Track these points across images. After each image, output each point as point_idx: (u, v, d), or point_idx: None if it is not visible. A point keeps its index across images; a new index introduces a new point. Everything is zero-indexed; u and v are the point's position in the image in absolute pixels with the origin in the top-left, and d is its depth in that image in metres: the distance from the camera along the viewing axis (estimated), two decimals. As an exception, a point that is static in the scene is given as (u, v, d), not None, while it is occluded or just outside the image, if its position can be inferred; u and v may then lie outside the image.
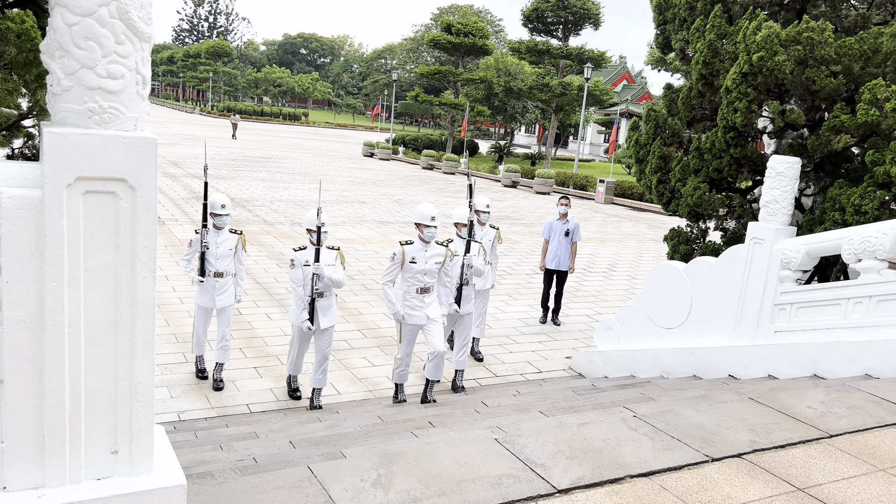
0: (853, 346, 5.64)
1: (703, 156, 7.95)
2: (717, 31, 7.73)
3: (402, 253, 6.82)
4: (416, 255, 6.82)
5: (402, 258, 6.81)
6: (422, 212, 6.85)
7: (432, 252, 6.89)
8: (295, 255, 6.78)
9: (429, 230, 6.81)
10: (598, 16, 42.16)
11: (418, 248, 6.85)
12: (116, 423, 2.35)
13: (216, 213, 7.25)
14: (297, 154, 40.36)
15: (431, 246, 6.90)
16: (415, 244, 6.87)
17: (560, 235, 10.15)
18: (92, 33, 2.10)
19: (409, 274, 6.83)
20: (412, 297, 6.84)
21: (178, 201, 19.53)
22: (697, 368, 6.98)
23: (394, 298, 6.81)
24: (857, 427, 4.07)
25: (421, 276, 6.82)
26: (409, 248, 6.85)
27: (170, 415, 6.57)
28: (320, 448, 4.35)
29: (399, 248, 6.87)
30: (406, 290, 6.86)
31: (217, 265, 7.26)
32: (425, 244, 6.86)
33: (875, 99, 6.47)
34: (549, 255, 10.23)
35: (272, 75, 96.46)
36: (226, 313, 7.38)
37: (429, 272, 6.86)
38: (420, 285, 6.85)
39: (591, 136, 63.89)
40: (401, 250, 6.83)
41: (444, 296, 7.26)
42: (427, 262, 6.84)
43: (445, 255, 7.00)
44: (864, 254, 5.77)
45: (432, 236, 6.86)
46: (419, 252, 6.84)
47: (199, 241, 7.20)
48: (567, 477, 3.21)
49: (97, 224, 2.21)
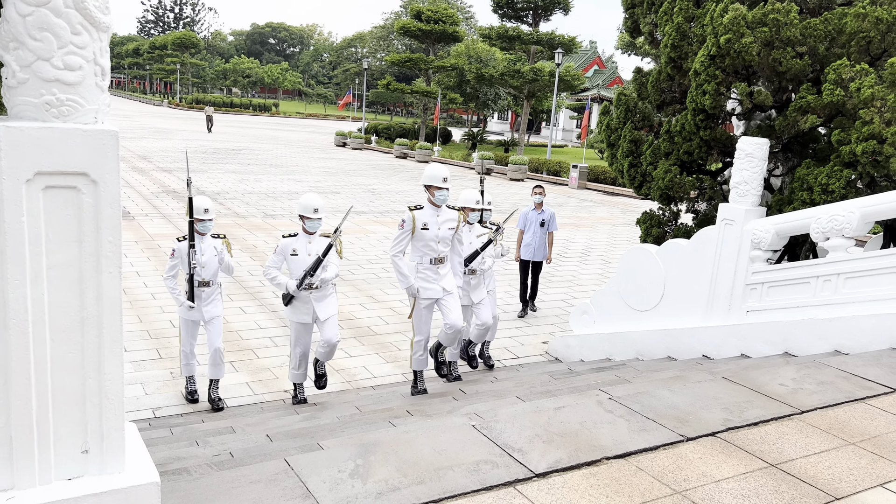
0: (823, 323, 5.74)
1: (674, 139, 8.00)
2: (684, 14, 7.77)
3: (412, 219, 6.16)
4: (427, 220, 6.19)
5: (413, 225, 6.16)
6: (433, 173, 6.23)
7: (445, 217, 6.28)
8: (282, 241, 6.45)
9: (441, 193, 6.18)
10: (567, 1, 42.17)
11: (429, 212, 6.23)
12: (86, 421, 2.31)
13: (199, 217, 6.55)
14: (268, 145, 39.96)
15: (443, 210, 6.28)
16: (425, 209, 6.24)
17: (535, 226, 9.91)
18: (47, 24, 2.04)
19: (420, 243, 6.22)
20: (426, 269, 6.24)
21: (148, 195, 19.25)
22: (672, 349, 7.06)
23: (406, 271, 6.20)
24: (827, 402, 4.14)
25: (434, 243, 6.21)
26: (420, 214, 6.20)
27: (144, 412, 6.49)
28: (297, 440, 4.33)
29: (408, 213, 6.20)
30: (419, 262, 6.26)
31: (202, 274, 6.57)
32: (436, 208, 6.25)
33: (840, 79, 6.56)
34: (525, 246, 10.00)
35: (241, 66, 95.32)
36: (215, 325, 6.70)
37: (442, 239, 6.26)
38: (434, 255, 6.24)
39: (563, 122, 64.10)
40: (410, 216, 6.17)
41: (458, 265, 6.67)
42: (440, 227, 6.23)
43: (458, 219, 6.40)
44: (831, 232, 5.86)
45: (444, 199, 6.24)
46: (431, 217, 6.21)
47: (188, 261, 6.44)
48: (544, 461, 3.23)
49: (59, 220, 2.16)
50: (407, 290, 6.27)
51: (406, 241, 6.21)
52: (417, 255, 6.26)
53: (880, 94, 6.26)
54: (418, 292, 6.23)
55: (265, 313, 9.62)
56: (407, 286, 6.23)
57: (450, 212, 6.35)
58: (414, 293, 6.25)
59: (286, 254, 6.37)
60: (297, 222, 6.50)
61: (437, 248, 6.23)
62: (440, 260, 6.27)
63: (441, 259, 6.28)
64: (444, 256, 6.30)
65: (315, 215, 6.31)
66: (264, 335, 8.76)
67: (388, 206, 20.52)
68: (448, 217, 6.31)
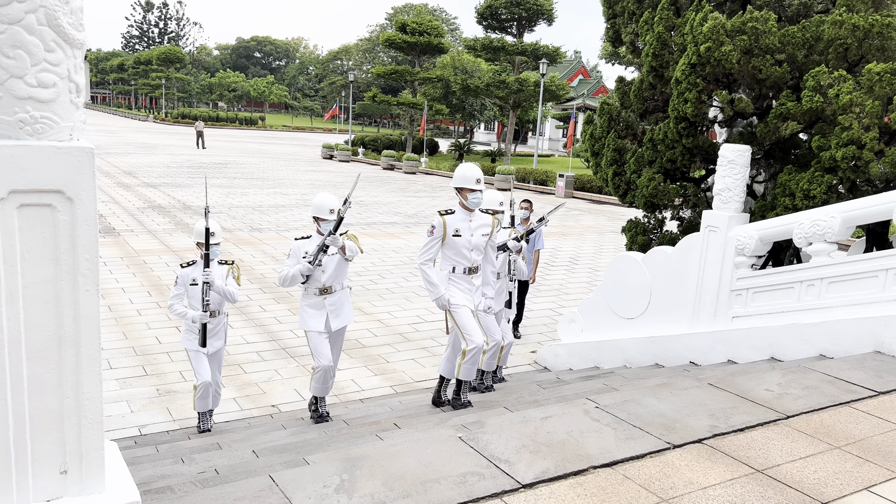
0: (807, 327, 5.77)
1: (657, 147, 8.05)
2: (665, 24, 7.83)
3: (442, 225, 5.61)
4: (459, 226, 5.63)
5: (444, 231, 5.60)
6: (465, 173, 5.66)
7: (478, 222, 5.73)
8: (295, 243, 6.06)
9: (474, 195, 5.62)
10: (551, 11, 42.47)
11: (461, 217, 5.68)
12: (64, 442, 2.28)
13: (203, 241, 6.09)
14: (254, 159, 39.88)
15: (476, 215, 5.73)
16: (457, 213, 5.69)
17: None
18: (20, 41, 2.03)
19: (451, 251, 5.66)
20: (459, 278, 5.70)
21: (133, 211, 19.14)
22: (659, 356, 7.08)
23: (436, 280, 5.61)
24: (812, 407, 4.16)
25: (467, 251, 5.67)
26: (451, 219, 5.65)
27: (130, 430, 6.43)
28: (283, 456, 4.30)
29: (438, 219, 5.64)
30: (450, 272, 5.72)
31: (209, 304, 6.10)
32: (469, 213, 5.69)
33: (819, 86, 6.63)
34: None
35: (227, 80, 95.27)
36: (217, 357, 6.30)
37: (476, 247, 5.70)
38: (467, 264, 5.70)
39: (549, 132, 64.36)
40: (440, 221, 5.62)
41: (491, 275, 6.03)
42: (473, 233, 5.68)
43: (493, 224, 5.84)
44: (814, 237, 5.90)
45: (478, 203, 5.67)
46: (463, 222, 5.66)
47: (200, 297, 5.95)
48: (531, 471, 3.22)
49: (34, 238, 2.14)
50: (436, 301, 5.66)
51: (436, 248, 5.65)
52: (448, 264, 5.73)
53: (858, 99, 6.33)
54: (449, 302, 5.65)
55: (252, 328, 9.57)
56: (436, 297, 5.63)
57: (483, 216, 5.79)
58: (444, 305, 5.67)
59: (300, 256, 5.95)
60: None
61: (469, 257, 5.70)
62: (473, 269, 5.75)
63: (474, 268, 5.75)
64: (477, 266, 5.77)
65: (330, 216, 5.92)
66: (251, 350, 8.71)
67: (376, 217, 20.51)
68: (482, 222, 5.75)
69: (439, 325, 10.17)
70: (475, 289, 5.76)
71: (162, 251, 14.32)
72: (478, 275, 5.78)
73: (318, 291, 5.98)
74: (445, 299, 5.62)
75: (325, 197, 6.02)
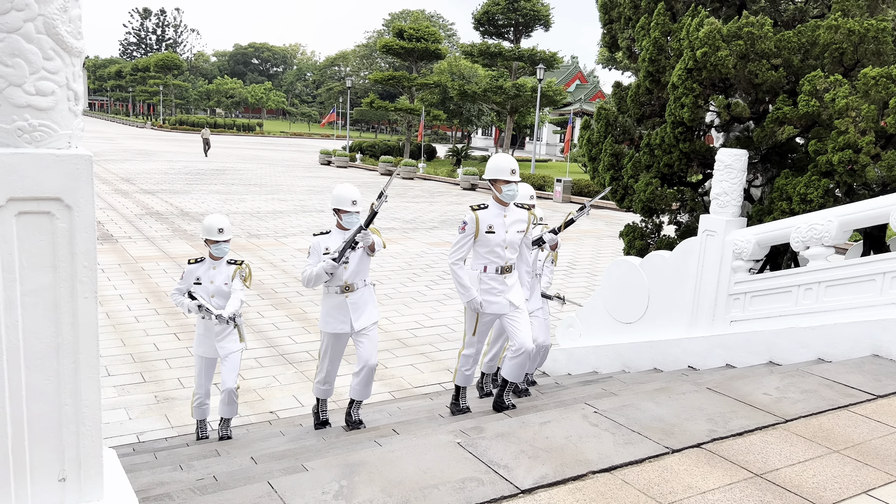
0: (805, 331, 5.78)
1: (654, 152, 8.07)
2: (661, 29, 7.86)
3: (474, 220, 5.23)
4: (493, 221, 5.23)
5: (476, 228, 5.22)
6: (499, 164, 5.23)
7: (513, 217, 5.31)
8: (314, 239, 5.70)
9: (509, 188, 5.20)
10: (548, 17, 42.61)
11: (495, 212, 5.26)
12: (63, 449, 2.28)
13: (212, 239, 5.88)
14: (252, 165, 39.89)
15: (511, 209, 5.31)
16: (490, 208, 5.28)
17: None
18: (18, 50, 2.04)
19: (484, 248, 5.27)
20: (491, 279, 5.30)
21: (131, 218, 19.13)
22: (657, 361, 7.08)
23: (468, 282, 5.28)
24: (811, 411, 4.16)
25: (501, 249, 5.26)
26: (484, 214, 5.25)
27: (128, 437, 6.41)
28: (282, 462, 4.29)
29: (470, 214, 5.27)
30: (482, 271, 5.33)
31: (213, 304, 5.88)
32: (503, 207, 5.28)
33: (815, 90, 6.66)
34: None
35: (224, 86, 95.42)
36: (230, 362, 5.98)
37: (510, 244, 5.30)
38: (500, 262, 5.28)
39: (546, 137, 64.48)
40: (473, 217, 5.24)
41: (525, 274, 5.68)
42: (508, 230, 5.27)
43: (528, 220, 5.43)
44: (811, 241, 5.91)
45: (513, 196, 5.24)
46: (497, 218, 5.25)
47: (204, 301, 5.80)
48: (530, 477, 3.22)
49: (33, 246, 2.14)
50: (468, 304, 5.32)
51: (467, 246, 5.28)
52: (481, 262, 5.32)
53: (854, 104, 6.36)
54: (482, 306, 5.31)
55: (250, 334, 9.56)
56: (469, 299, 5.28)
57: (519, 211, 5.37)
58: (477, 307, 5.31)
59: (320, 253, 5.58)
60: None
61: (503, 255, 5.29)
62: (507, 269, 5.32)
63: (508, 267, 5.33)
64: (511, 264, 5.35)
65: (353, 208, 5.56)
66: (249, 356, 8.70)
67: (374, 222, 20.47)
68: (517, 217, 5.34)
69: (438, 330, 10.17)
70: (508, 289, 5.33)
71: (160, 258, 14.31)
72: (511, 274, 5.37)
73: (340, 289, 5.61)
74: (478, 302, 5.27)
75: (346, 187, 5.64)
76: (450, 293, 12.47)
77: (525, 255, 5.57)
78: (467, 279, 5.28)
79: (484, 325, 5.48)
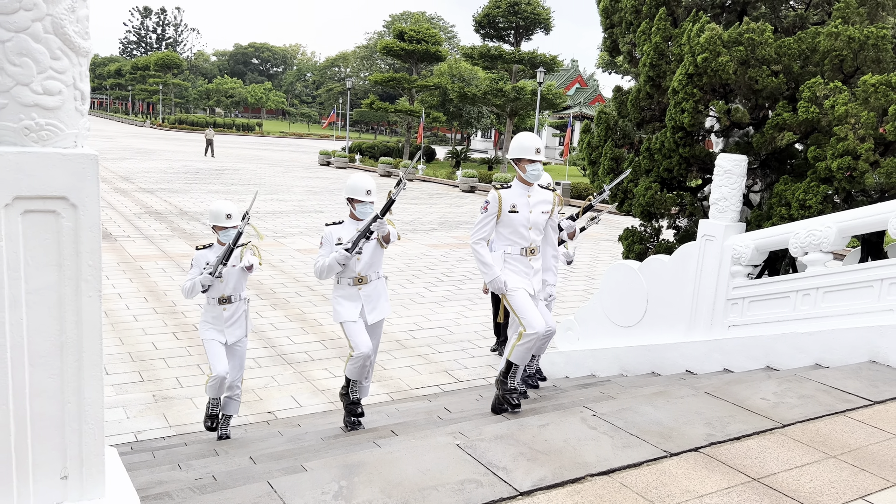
0: (803, 336, 5.80)
1: (654, 156, 8.09)
2: (662, 34, 7.89)
3: (497, 200, 5.09)
4: (516, 201, 5.10)
5: (499, 207, 5.08)
6: (522, 143, 5.16)
7: (537, 198, 5.18)
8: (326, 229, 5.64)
9: (533, 167, 5.11)
10: (548, 20, 42.65)
11: (519, 192, 5.14)
12: (65, 447, 2.29)
13: (221, 225, 5.86)
14: (251, 165, 39.90)
15: (535, 190, 5.19)
16: (514, 188, 5.15)
17: None
18: (26, 49, 2.05)
19: (507, 229, 5.11)
20: (515, 261, 5.13)
21: (130, 217, 19.13)
22: (655, 365, 7.09)
23: (489, 259, 5.05)
24: (808, 416, 4.18)
25: (524, 230, 5.11)
26: (507, 194, 5.12)
27: (126, 436, 6.42)
28: (281, 462, 4.30)
29: (493, 193, 5.14)
30: (505, 253, 5.15)
31: (222, 288, 5.85)
32: (527, 187, 5.16)
33: (814, 97, 6.68)
34: None
35: (224, 86, 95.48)
36: (238, 351, 5.95)
37: (535, 225, 5.15)
38: (524, 244, 5.13)
39: (546, 140, 64.56)
40: (496, 196, 5.10)
41: (552, 259, 5.50)
42: (532, 210, 5.13)
43: (553, 201, 5.30)
44: (809, 247, 5.94)
45: (538, 176, 5.15)
46: (520, 198, 5.12)
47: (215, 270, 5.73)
48: (529, 479, 3.23)
49: (38, 244, 2.15)
50: (491, 283, 5.08)
51: (490, 226, 5.10)
52: (503, 244, 5.16)
53: (854, 111, 6.38)
54: (505, 285, 5.04)
55: (249, 334, 9.56)
56: (491, 278, 5.04)
57: (543, 192, 5.24)
58: (500, 287, 5.05)
59: (333, 244, 5.52)
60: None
61: (527, 236, 5.12)
62: (531, 251, 5.16)
63: (533, 250, 5.16)
64: (536, 246, 5.19)
65: (367, 198, 5.48)
66: (247, 356, 8.70)
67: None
68: (541, 198, 5.20)
69: (436, 332, 10.18)
70: (534, 272, 5.17)
71: (159, 257, 14.31)
72: (536, 257, 5.21)
73: (353, 281, 5.54)
74: (501, 281, 5.02)
75: (361, 176, 5.57)
76: (449, 295, 12.49)
77: (551, 239, 5.37)
78: (489, 258, 5.06)
79: (518, 300, 5.04)
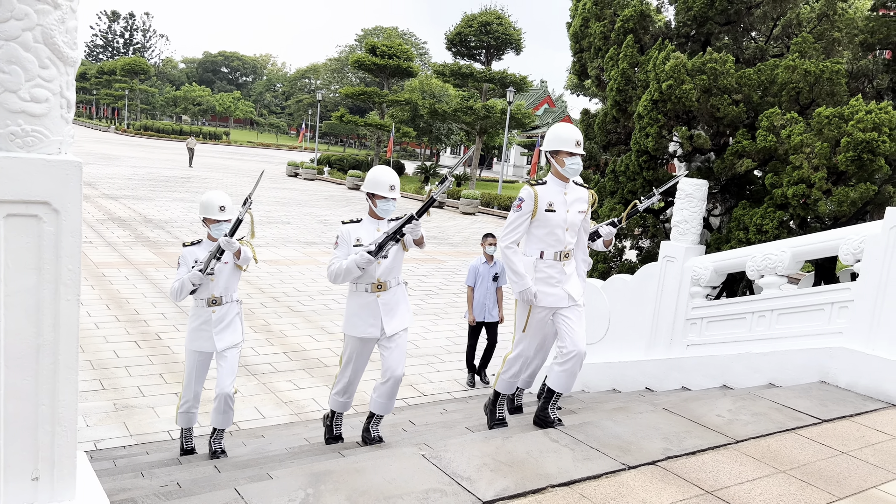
0: (758, 357, 6.00)
1: (619, 178, 8.31)
2: (629, 61, 8.14)
3: (532, 197, 4.53)
4: (553, 199, 4.55)
5: (535, 205, 4.53)
6: (562, 134, 4.58)
7: (574, 195, 4.64)
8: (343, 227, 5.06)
9: (573, 161, 4.54)
10: (519, 41, 43.26)
11: (555, 189, 4.59)
12: (37, 448, 2.31)
13: (213, 217, 5.39)
14: (218, 174, 39.52)
15: (571, 187, 4.64)
16: (549, 184, 4.60)
17: (487, 281, 8.50)
18: (16, 57, 2.11)
19: (543, 230, 4.57)
20: (548, 267, 4.60)
21: (93, 223, 18.82)
22: (616, 382, 7.25)
23: (522, 268, 4.56)
24: (760, 432, 4.34)
25: (561, 231, 4.58)
26: (543, 190, 4.56)
27: (86, 444, 6.33)
28: (246, 471, 4.32)
29: (528, 190, 4.58)
30: (538, 257, 4.62)
31: (212, 288, 5.38)
32: (563, 184, 4.62)
33: (772, 126, 6.96)
34: (477, 305, 8.51)
35: (192, 94, 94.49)
36: (229, 359, 5.45)
37: (571, 225, 4.62)
38: (560, 247, 4.60)
39: (514, 158, 65.20)
40: (531, 193, 4.55)
41: (583, 263, 4.95)
42: (569, 209, 4.59)
43: (590, 200, 4.77)
44: (765, 270, 6.16)
45: (577, 170, 4.60)
46: (557, 196, 4.57)
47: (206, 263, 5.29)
48: (492, 489, 3.32)
49: (19, 247, 2.19)
50: (520, 294, 4.60)
51: (523, 227, 4.56)
52: (537, 246, 4.62)
53: (808, 141, 6.66)
54: (536, 297, 4.58)
55: (213, 344, 9.49)
56: (522, 289, 4.56)
57: (580, 190, 4.70)
58: (530, 298, 4.58)
59: (351, 244, 4.93)
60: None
61: (563, 238, 4.59)
62: (566, 255, 4.63)
63: (567, 254, 4.64)
64: (570, 250, 4.67)
65: (391, 194, 4.92)
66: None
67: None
68: (578, 196, 4.67)
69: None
70: (567, 278, 4.63)
71: (121, 264, 14.13)
72: (570, 261, 4.68)
73: (371, 287, 4.94)
74: (532, 293, 4.55)
75: (384, 170, 5.00)
76: (415, 310, 12.54)
77: (583, 241, 4.88)
78: (521, 265, 4.57)
79: (538, 321, 4.68)
